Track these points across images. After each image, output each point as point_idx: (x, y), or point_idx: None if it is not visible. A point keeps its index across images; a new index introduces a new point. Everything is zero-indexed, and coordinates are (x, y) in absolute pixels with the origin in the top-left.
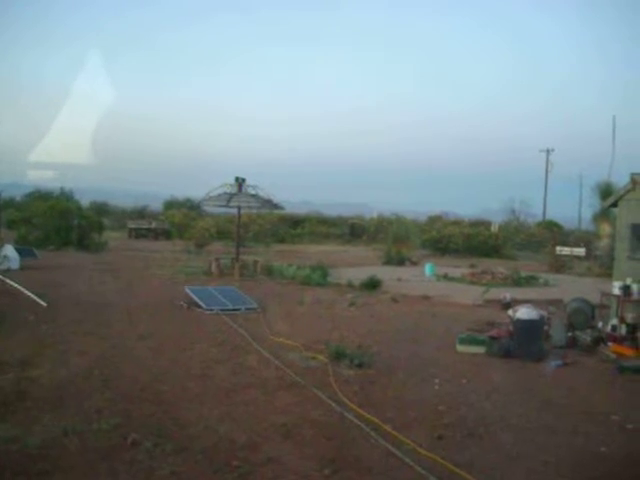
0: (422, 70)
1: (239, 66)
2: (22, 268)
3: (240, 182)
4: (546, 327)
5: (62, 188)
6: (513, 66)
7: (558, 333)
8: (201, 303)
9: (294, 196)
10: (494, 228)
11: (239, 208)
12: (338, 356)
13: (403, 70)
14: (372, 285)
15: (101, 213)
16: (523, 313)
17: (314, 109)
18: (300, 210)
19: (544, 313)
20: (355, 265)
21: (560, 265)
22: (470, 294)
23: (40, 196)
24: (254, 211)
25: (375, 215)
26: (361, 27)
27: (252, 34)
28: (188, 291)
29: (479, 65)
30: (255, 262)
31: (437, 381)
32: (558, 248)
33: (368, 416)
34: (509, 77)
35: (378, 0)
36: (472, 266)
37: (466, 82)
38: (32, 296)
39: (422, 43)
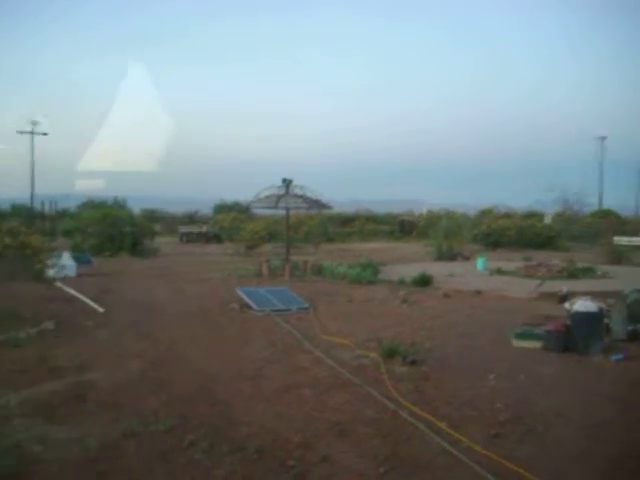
0: (473, 66)
1: (280, 65)
2: (79, 275)
3: (287, 183)
4: (605, 320)
5: (115, 197)
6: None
7: (618, 326)
8: (253, 304)
9: (342, 195)
10: (547, 219)
11: (287, 209)
12: (391, 353)
13: (453, 68)
14: (424, 281)
15: (152, 219)
16: (581, 306)
17: (362, 107)
18: (349, 208)
19: (603, 305)
20: (406, 262)
21: (618, 255)
22: (524, 288)
23: (93, 205)
24: (302, 212)
25: (425, 210)
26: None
27: (295, 32)
28: (240, 293)
29: (525, 50)
30: (305, 262)
31: (492, 377)
32: (616, 238)
33: (423, 413)
34: (561, 62)
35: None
36: (526, 259)
37: (516, 70)
38: (89, 302)
39: (475, 38)
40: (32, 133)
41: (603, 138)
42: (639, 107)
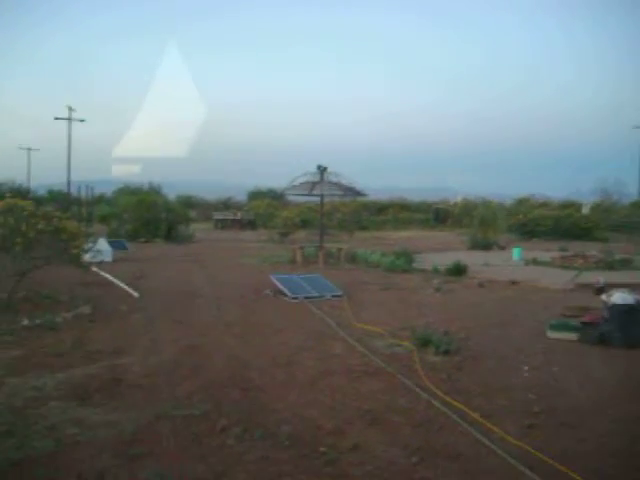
0: (513, 59)
1: (315, 53)
2: (114, 260)
3: (322, 170)
4: None
5: (150, 182)
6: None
7: None
8: (286, 291)
9: (377, 182)
10: (585, 209)
11: (322, 196)
12: (424, 342)
13: (498, 60)
14: (458, 270)
15: (187, 205)
16: (618, 297)
17: (398, 95)
18: (383, 196)
19: None
20: (440, 250)
21: None
22: (560, 278)
23: (129, 191)
24: (337, 199)
25: (460, 199)
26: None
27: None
28: (273, 279)
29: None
30: (339, 249)
31: (527, 368)
32: None
33: (455, 403)
34: (600, 53)
35: None
36: (562, 249)
37: (554, 63)
38: (124, 287)
39: (521, 29)
40: (69, 119)
41: None
42: None
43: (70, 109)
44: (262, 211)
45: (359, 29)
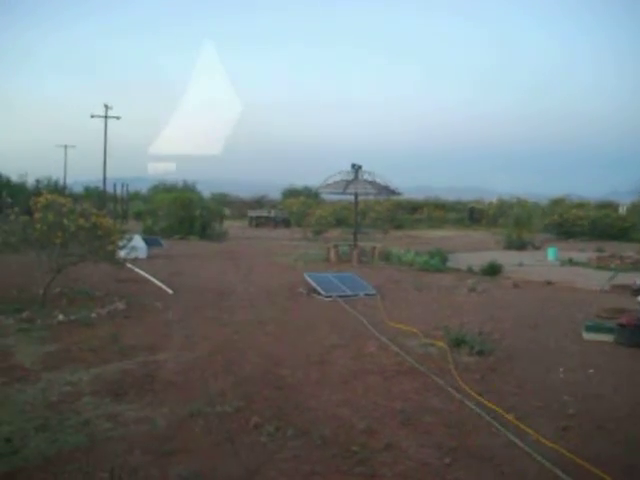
0: (549, 57)
1: (352, 51)
2: (149, 257)
3: (357, 169)
4: None
5: (185, 180)
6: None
7: None
8: (320, 289)
9: (411, 181)
10: (622, 210)
11: (356, 195)
12: (458, 343)
13: (536, 57)
14: (492, 270)
15: (222, 203)
16: None
17: (432, 92)
18: (417, 195)
19: None
20: (474, 250)
21: None
22: (596, 279)
23: (164, 188)
24: (371, 197)
25: (495, 199)
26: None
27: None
28: (307, 278)
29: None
30: (373, 248)
31: (562, 370)
32: None
33: (489, 404)
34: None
35: None
36: (599, 250)
37: (587, 62)
38: (159, 284)
39: (555, 27)
40: (105, 117)
41: None
42: None
43: (106, 107)
44: (296, 209)
45: (389, 28)
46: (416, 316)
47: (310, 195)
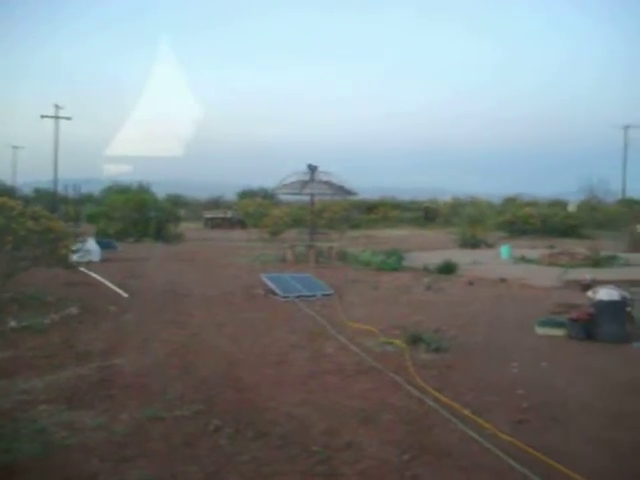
0: (496, 56)
1: (307, 53)
2: (103, 260)
3: (312, 169)
4: (629, 308)
5: (139, 181)
6: (591, 39)
7: None
8: (277, 290)
9: (367, 182)
10: (572, 208)
11: (312, 195)
12: (415, 341)
13: (477, 59)
14: (448, 269)
15: (177, 204)
16: (604, 294)
17: (388, 98)
18: (373, 195)
19: (626, 294)
20: (430, 249)
21: None
22: (548, 276)
23: (118, 190)
24: (327, 198)
25: (449, 198)
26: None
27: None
28: (264, 279)
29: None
30: (330, 248)
31: (516, 365)
32: (639, 226)
33: (447, 400)
34: (594, 52)
35: None
36: (550, 247)
37: (540, 59)
38: (113, 287)
39: (494, 27)
40: (56, 117)
41: (627, 127)
42: None
43: (57, 107)
44: (252, 210)
45: (356, 27)
46: (374, 315)
47: (266, 196)
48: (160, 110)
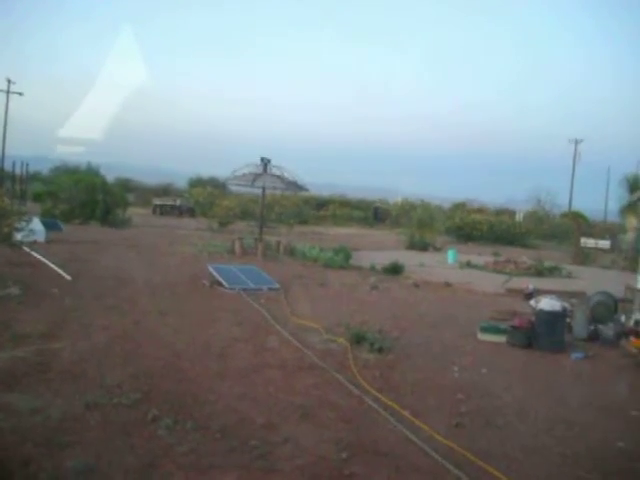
0: (451, 61)
1: (263, 50)
2: (48, 241)
3: (265, 162)
4: (568, 319)
5: (89, 163)
6: (542, 53)
7: (580, 326)
8: (223, 282)
9: (319, 178)
10: (519, 217)
11: (264, 189)
12: (358, 340)
13: (434, 60)
14: (394, 270)
15: (126, 189)
16: (546, 304)
17: (343, 94)
18: (324, 192)
19: (567, 305)
20: (378, 249)
21: (584, 257)
22: (492, 282)
23: (67, 170)
24: (279, 192)
25: (399, 199)
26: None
27: (279, 18)
28: (211, 269)
29: (504, 51)
30: (278, 243)
31: (457, 369)
32: (583, 240)
33: (387, 401)
34: (544, 64)
35: None
36: (495, 254)
37: (492, 70)
38: (57, 269)
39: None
40: (8, 92)
41: (578, 141)
42: (616, 111)
43: (9, 81)
44: (202, 199)
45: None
46: (319, 312)
47: (217, 186)
48: (115, 93)
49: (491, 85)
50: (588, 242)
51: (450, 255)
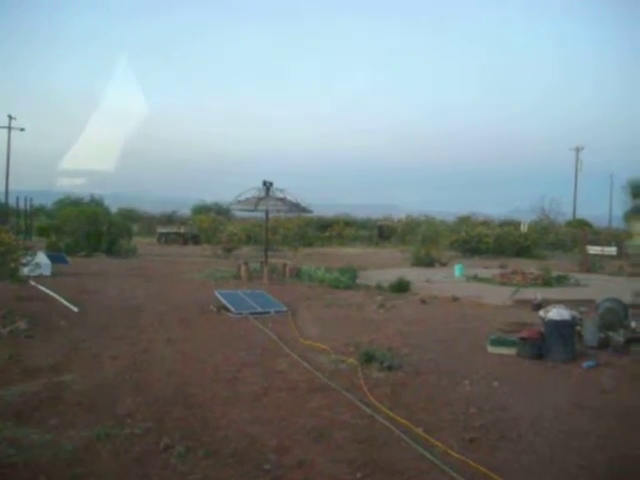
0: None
1: (263, 72)
2: (53, 274)
3: (268, 186)
4: (578, 328)
5: (92, 195)
6: (548, 67)
7: (590, 334)
8: (230, 307)
9: (322, 199)
10: (524, 228)
11: (267, 212)
12: (368, 359)
13: (444, 80)
14: (401, 287)
15: (129, 219)
16: (554, 314)
17: (345, 112)
18: (328, 212)
19: (576, 313)
20: (384, 267)
21: (591, 265)
22: (500, 295)
23: (70, 203)
24: (282, 215)
25: (403, 216)
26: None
27: (279, 41)
28: (217, 295)
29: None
30: (284, 265)
31: (468, 383)
32: (588, 247)
33: (399, 419)
34: (544, 78)
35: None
36: (502, 266)
37: (500, 85)
38: (64, 302)
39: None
40: (9, 128)
41: (579, 149)
42: (616, 120)
43: (10, 117)
44: (206, 226)
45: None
46: (327, 333)
47: (221, 211)
48: (115, 125)
49: (498, 100)
50: (594, 249)
51: (457, 269)
